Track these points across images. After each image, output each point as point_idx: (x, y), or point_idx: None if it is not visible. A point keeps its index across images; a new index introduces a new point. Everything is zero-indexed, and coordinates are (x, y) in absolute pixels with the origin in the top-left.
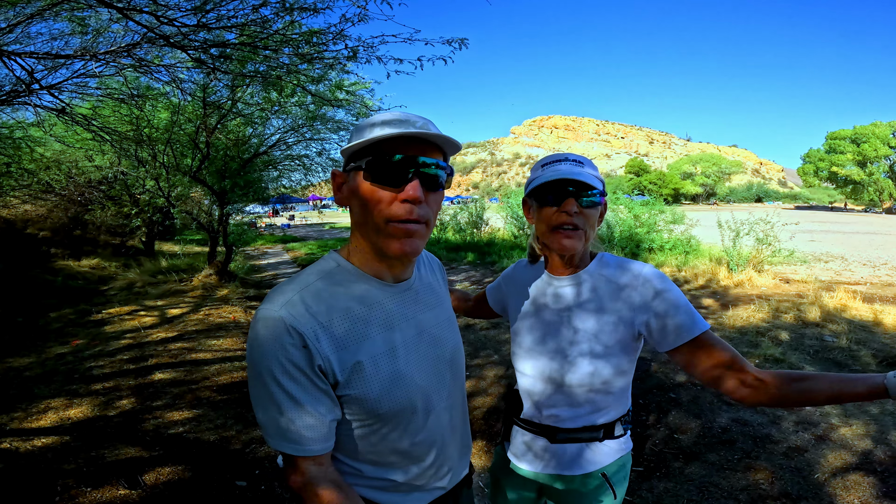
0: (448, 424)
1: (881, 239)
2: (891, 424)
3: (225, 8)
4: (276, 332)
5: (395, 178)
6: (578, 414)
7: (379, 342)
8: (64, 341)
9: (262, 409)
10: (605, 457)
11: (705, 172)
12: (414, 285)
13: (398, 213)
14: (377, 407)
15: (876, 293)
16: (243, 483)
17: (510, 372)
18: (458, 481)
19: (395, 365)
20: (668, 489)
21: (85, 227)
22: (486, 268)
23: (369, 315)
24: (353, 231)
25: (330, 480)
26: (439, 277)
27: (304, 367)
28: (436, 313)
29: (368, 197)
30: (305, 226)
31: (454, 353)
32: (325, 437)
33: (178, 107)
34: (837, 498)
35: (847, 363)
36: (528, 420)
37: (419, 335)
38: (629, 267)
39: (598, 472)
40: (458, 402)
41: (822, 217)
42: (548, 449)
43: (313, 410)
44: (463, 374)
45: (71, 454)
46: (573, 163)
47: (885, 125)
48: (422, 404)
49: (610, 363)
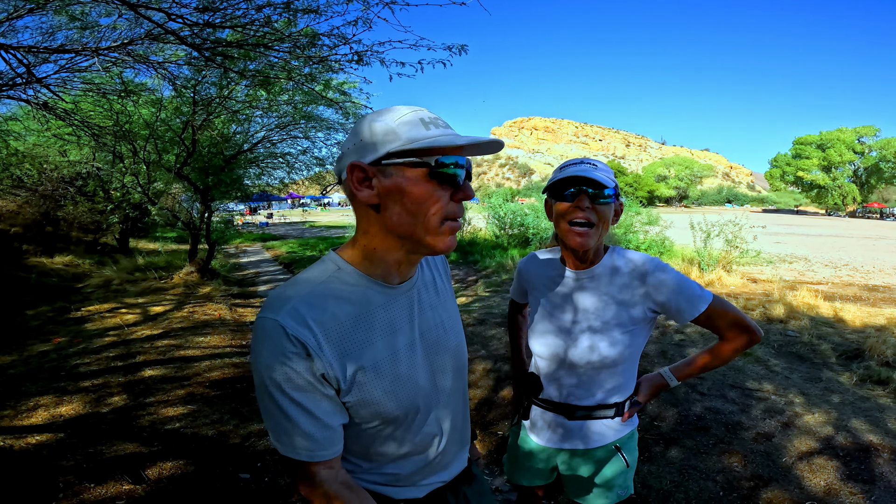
0: (449, 420)
1: (843, 241)
2: (850, 413)
3: (231, 7)
4: (278, 340)
5: (454, 178)
6: (592, 393)
7: (381, 347)
8: (45, 339)
9: (269, 416)
10: (618, 431)
11: (678, 175)
12: (416, 285)
13: (456, 212)
14: (381, 411)
15: (837, 292)
16: (247, 475)
17: (498, 366)
18: (457, 473)
19: (398, 368)
20: (652, 471)
21: (57, 224)
22: (469, 267)
23: (371, 320)
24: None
25: (341, 483)
26: (441, 271)
27: (307, 375)
28: (438, 312)
29: (427, 196)
30: (284, 224)
31: (457, 350)
32: (334, 441)
33: (167, 102)
34: (805, 480)
35: (808, 356)
36: (547, 399)
37: (422, 336)
38: (634, 258)
39: (612, 444)
40: (459, 399)
41: (788, 220)
42: (565, 425)
43: (320, 416)
44: (465, 370)
45: (68, 451)
46: (589, 165)
47: (850, 131)
48: (424, 404)
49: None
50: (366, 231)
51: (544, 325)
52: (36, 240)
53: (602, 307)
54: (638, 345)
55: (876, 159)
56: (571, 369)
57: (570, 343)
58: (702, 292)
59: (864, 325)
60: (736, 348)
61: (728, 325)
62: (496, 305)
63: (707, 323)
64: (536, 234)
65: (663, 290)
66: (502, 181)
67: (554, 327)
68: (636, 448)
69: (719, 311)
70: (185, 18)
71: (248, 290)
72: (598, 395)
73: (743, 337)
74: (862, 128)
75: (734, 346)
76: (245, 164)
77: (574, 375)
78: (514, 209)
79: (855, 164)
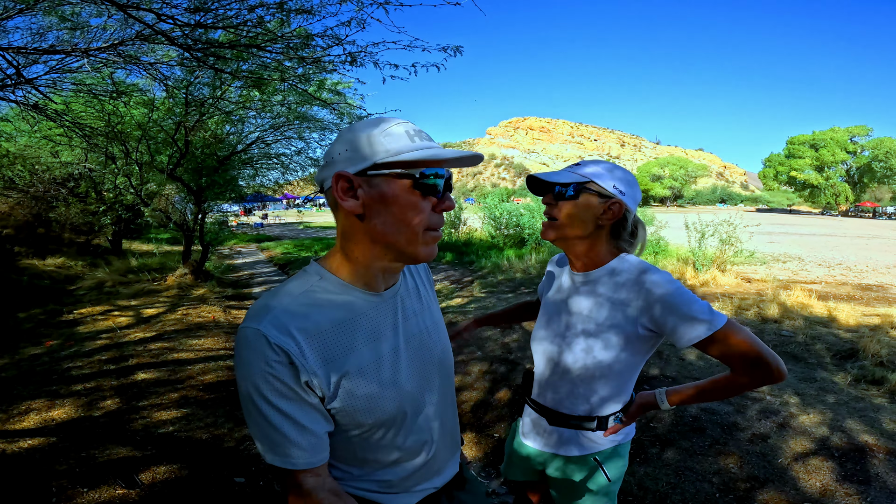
0: (438, 425)
1: (836, 241)
2: (845, 413)
3: (223, 8)
4: (260, 349)
5: (436, 189)
6: (576, 402)
7: (365, 353)
8: (37, 342)
9: (255, 425)
10: (599, 444)
11: (673, 175)
12: (399, 292)
13: (438, 222)
14: (366, 417)
15: (830, 291)
16: (241, 479)
17: (494, 367)
18: (448, 479)
19: (383, 375)
20: (648, 473)
21: (49, 226)
22: (465, 267)
23: (354, 327)
24: (350, 240)
25: (328, 490)
26: (424, 279)
27: (291, 383)
28: (422, 318)
29: (412, 206)
30: (279, 225)
31: (442, 356)
32: (319, 449)
33: (159, 103)
34: (800, 481)
35: (803, 356)
36: (535, 401)
37: (406, 342)
38: (633, 265)
39: (591, 455)
40: (447, 404)
41: (782, 219)
42: (547, 429)
43: (305, 424)
44: (452, 376)
45: (60, 455)
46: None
47: (842, 130)
48: (411, 409)
49: (608, 357)
50: (348, 239)
51: (543, 328)
52: (28, 241)
53: (596, 310)
54: (635, 359)
55: (868, 159)
56: (565, 375)
57: (565, 348)
58: (710, 316)
59: (859, 325)
60: (745, 385)
61: (740, 358)
62: (491, 307)
63: (713, 352)
64: (532, 235)
65: (657, 305)
66: (498, 181)
67: (551, 332)
68: (623, 462)
69: (731, 340)
70: (175, 19)
71: (243, 292)
72: (585, 406)
73: (757, 374)
74: (854, 127)
75: (744, 381)
76: (239, 165)
77: (567, 382)
78: (510, 209)
79: (847, 163)
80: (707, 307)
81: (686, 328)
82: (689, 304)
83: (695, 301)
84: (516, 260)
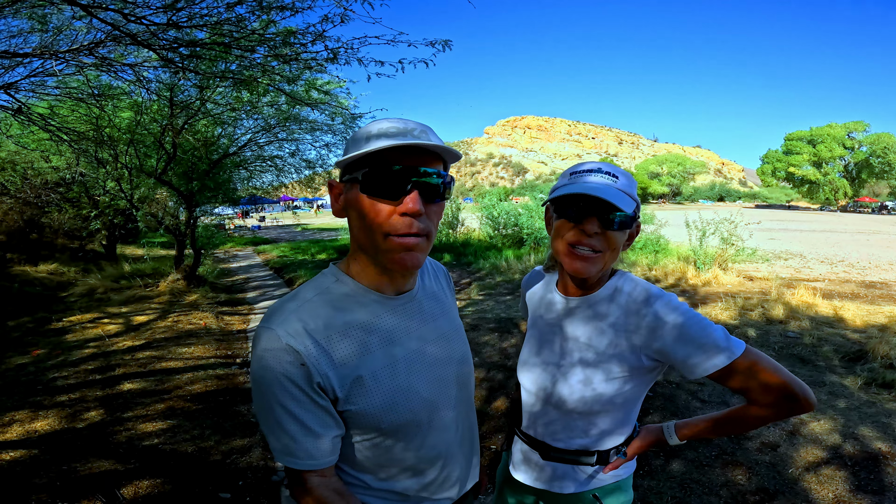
0: (455, 436)
1: (836, 237)
2: (857, 419)
3: (198, 6)
4: (275, 351)
5: (393, 190)
6: (573, 435)
7: (379, 357)
8: (24, 351)
9: (266, 425)
10: (599, 480)
11: (671, 172)
12: (417, 296)
13: (397, 227)
14: (379, 422)
15: (834, 289)
16: (227, 495)
17: (492, 374)
18: (465, 491)
19: (397, 379)
20: (652, 487)
21: (41, 231)
22: (463, 268)
23: (369, 330)
24: (352, 243)
25: (332, 489)
26: (444, 285)
27: (303, 385)
28: (440, 324)
29: (366, 210)
30: (277, 227)
31: (461, 364)
32: (328, 452)
33: (142, 106)
34: (812, 492)
35: (811, 359)
36: (525, 432)
37: (422, 347)
38: (638, 289)
39: (590, 492)
40: (465, 413)
41: (781, 216)
42: (540, 463)
43: (315, 427)
44: (471, 384)
45: (41, 468)
46: (606, 175)
47: (840, 126)
48: (426, 417)
49: (610, 390)
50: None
51: (532, 355)
52: (20, 247)
53: (596, 336)
54: (639, 389)
55: (866, 154)
56: (560, 407)
57: (560, 378)
58: (727, 343)
59: (866, 325)
60: (768, 417)
61: (763, 388)
62: (490, 310)
63: (733, 383)
64: (531, 235)
65: (667, 333)
66: (496, 180)
67: (541, 360)
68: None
69: (752, 369)
70: (143, 19)
71: (237, 297)
72: (582, 440)
73: (783, 406)
74: (852, 123)
75: (767, 414)
76: (231, 168)
77: (563, 414)
78: (508, 209)
79: (845, 159)
80: (724, 333)
81: (701, 358)
82: (703, 330)
83: (709, 326)
84: (515, 261)
